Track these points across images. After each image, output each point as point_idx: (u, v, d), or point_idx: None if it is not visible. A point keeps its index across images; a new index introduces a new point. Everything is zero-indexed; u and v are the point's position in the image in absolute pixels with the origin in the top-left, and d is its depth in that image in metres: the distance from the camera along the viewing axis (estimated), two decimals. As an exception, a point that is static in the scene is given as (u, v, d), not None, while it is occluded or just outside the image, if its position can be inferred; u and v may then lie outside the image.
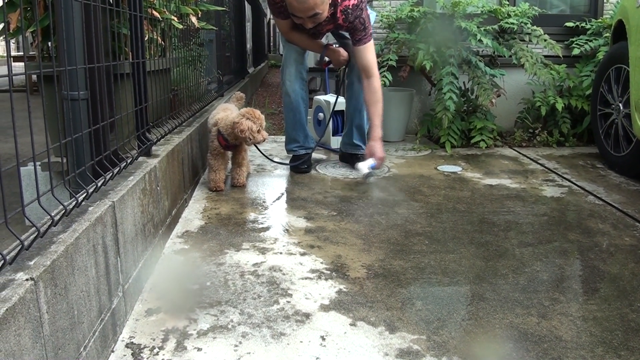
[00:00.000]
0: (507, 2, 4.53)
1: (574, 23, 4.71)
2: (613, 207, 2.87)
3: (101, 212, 1.53)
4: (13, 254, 1.19)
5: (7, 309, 1.01)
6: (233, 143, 3.07)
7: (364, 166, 3.42)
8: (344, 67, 3.70)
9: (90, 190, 1.61)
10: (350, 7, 3.20)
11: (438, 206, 2.87)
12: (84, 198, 1.56)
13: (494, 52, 4.39)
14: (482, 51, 4.52)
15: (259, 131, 3.03)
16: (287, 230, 2.52)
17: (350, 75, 3.64)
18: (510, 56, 4.28)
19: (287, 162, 3.71)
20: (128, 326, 1.69)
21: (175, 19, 3.12)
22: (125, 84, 2.28)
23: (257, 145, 3.17)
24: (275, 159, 3.79)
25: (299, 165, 3.57)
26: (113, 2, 2.12)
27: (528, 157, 4.03)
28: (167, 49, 3.20)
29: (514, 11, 4.35)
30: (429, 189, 3.18)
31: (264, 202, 2.94)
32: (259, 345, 1.59)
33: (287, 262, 2.16)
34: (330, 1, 3.12)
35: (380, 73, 4.04)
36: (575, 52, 4.46)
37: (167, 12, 2.99)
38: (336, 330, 1.67)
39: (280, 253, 2.25)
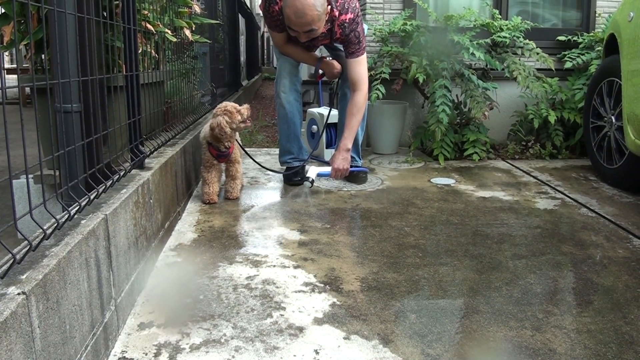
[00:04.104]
0: (500, 16, 4.56)
1: (566, 37, 4.74)
2: (606, 219, 2.87)
3: (94, 225, 1.53)
4: (5, 267, 1.18)
5: (-2, 324, 1.00)
6: (224, 151, 3.07)
7: (313, 171, 3.51)
8: (337, 79, 3.72)
9: (83, 204, 1.60)
10: (347, 21, 3.22)
11: (431, 219, 2.87)
12: (76, 211, 1.55)
13: (486, 65, 4.42)
14: (475, 64, 4.55)
15: (239, 111, 3.05)
16: (280, 243, 2.51)
17: (343, 87, 3.65)
18: (503, 69, 4.30)
19: (280, 172, 3.71)
20: (120, 340, 1.68)
21: (169, 32, 3.13)
22: (118, 97, 2.28)
23: (248, 153, 3.16)
24: (269, 169, 3.79)
25: (292, 177, 3.57)
26: (107, 15, 2.12)
27: (521, 170, 4.04)
28: (160, 61, 3.21)
29: (506, 25, 4.38)
30: (422, 202, 3.18)
31: (257, 214, 2.93)
32: None
33: (280, 275, 2.15)
34: (327, 18, 3.14)
35: (374, 86, 4.06)
36: (568, 65, 4.49)
37: (160, 25, 2.99)
38: (330, 344, 1.66)
39: (274, 266, 2.24)
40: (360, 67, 3.37)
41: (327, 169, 3.52)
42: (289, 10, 3.02)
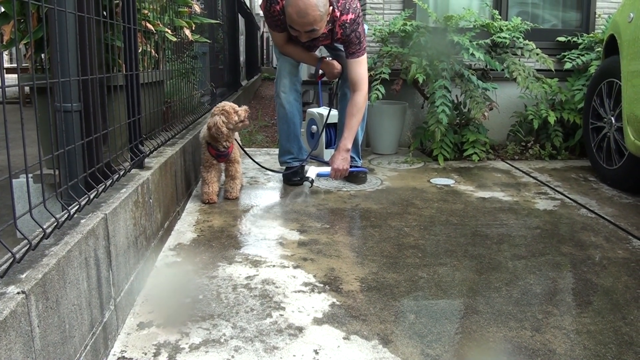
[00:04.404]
0: (500, 17, 4.57)
1: (566, 37, 4.74)
2: (606, 220, 2.88)
3: (93, 224, 1.52)
4: (4, 266, 1.18)
5: (-3, 323, 1.00)
6: (223, 150, 3.07)
7: (313, 171, 3.50)
8: (337, 79, 3.72)
9: (83, 203, 1.60)
10: (348, 21, 3.22)
11: (431, 219, 2.87)
12: (76, 210, 1.55)
13: (486, 66, 4.42)
14: (475, 65, 4.54)
15: (236, 112, 3.04)
16: (280, 243, 2.51)
17: (343, 87, 3.65)
18: (503, 70, 4.30)
19: (280, 171, 3.71)
20: (120, 340, 1.68)
21: (169, 31, 3.13)
22: (118, 96, 2.28)
23: (247, 153, 3.16)
24: (269, 169, 3.79)
25: (292, 177, 3.57)
26: (107, 14, 2.12)
27: (520, 170, 4.04)
28: (160, 61, 3.20)
29: (506, 25, 4.38)
30: (422, 202, 3.18)
31: (256, 214, 2.93)
32: None
33: (280, 275, 2.15)
34: (328, 19, 3.14)
35: (373, 86, 4.06)
36: (567, 66, 4.49)
37: (160, 25, 2.99)
38: (329, 344, 1.66)
39: (273, 266, 2.24)
40: (360, 67, 3.37)
41: (327, 169, 3.52)
42: (292, 9, 3.02)
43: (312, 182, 3.47)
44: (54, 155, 1.54)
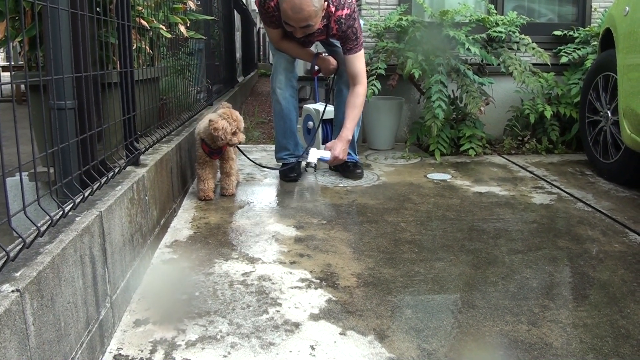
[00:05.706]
0: (495, 11, 4.56)
1: (562, 32, 4.74)
2: (602, 213, 2.88)
3: (88, 222, 1.52)
4: (-2, 265, 1.17)
5: (-9, 321, 1.00)
6: (216, 148, 3.06)
7: (314, 154, 3.33)
8: (333, 75, 3.71)
9: (77, 200, 1.59)
10: (344, 16, 3.22)
11: (428, 214, 2.87)
12: (70, 208, 1.55)
13: (482, 61, 4.41)
14: (471, 60, 4.54)
15: (234, 133, 3.00)
16: (276, 239, 2.51)
17: (339, 83, 3.65)
18: (499, 64, 4.30)
19: (276, 168, 3.71)
20: (116, 337, 1.68)
21: (164, 28, 3.12)
22: (113, 93, 2.27)
23: (242, 151, 3.14)
24: (264, 167, 3.78)
25: (288, 174, 3.57)
26: (101, 11, 2.11)
27: (517, 165, 4.04)
28: (155, 58, 3.19)
29: (502, 20, 4.37)
30: (418, 197, 3.18)
31: (253, 211, 2.93)
32: (248, 356, 1.57)
33: (276, 271, 2.15)
34: (323, 14, 3.14)
35: (369, 82, 4.05)
36: (564, 60, 4.49)
37: (155, 22, 2.98)
38: (326, 339, 1.66)
39: (270, 262, 2.24)
40: (359, 62, 3.37)
41: (326, 154, 3.44)
42: (286, 5, 3.01)
43: (314, 167, 3.34)
44: (48, 152, 1.54)
